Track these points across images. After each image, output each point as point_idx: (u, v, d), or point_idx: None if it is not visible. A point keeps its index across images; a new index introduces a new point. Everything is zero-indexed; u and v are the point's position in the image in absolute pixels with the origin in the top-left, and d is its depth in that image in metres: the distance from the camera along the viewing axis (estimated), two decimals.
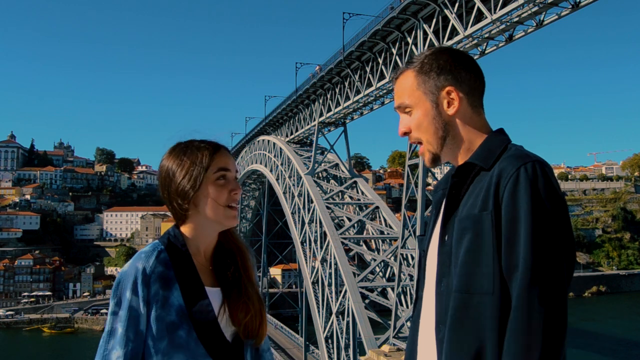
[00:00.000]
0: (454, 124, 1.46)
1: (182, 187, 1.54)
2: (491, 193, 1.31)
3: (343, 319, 31.01)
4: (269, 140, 49.99)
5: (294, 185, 41.05)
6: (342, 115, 37.17)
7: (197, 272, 1.55)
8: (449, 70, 1.46)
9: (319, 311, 33.67)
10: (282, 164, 44.35)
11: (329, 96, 37.10)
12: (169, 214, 1.67)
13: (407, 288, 27.56)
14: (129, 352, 1.43)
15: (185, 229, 1.59)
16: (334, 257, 31.68)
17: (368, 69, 31.07)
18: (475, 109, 1.48)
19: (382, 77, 29.88)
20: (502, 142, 1.43)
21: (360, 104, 34.55)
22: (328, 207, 35.32)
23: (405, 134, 1.52)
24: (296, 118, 44.86)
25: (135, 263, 1.49)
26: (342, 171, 40.80)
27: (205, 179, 1.54)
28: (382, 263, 32.20)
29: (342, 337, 30.80)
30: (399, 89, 1.52)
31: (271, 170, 48.14)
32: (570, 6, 19.53)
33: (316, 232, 35.86)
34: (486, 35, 22.35)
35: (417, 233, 25.60)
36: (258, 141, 54.57)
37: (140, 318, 1.45)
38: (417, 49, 25.64)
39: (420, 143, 1.51)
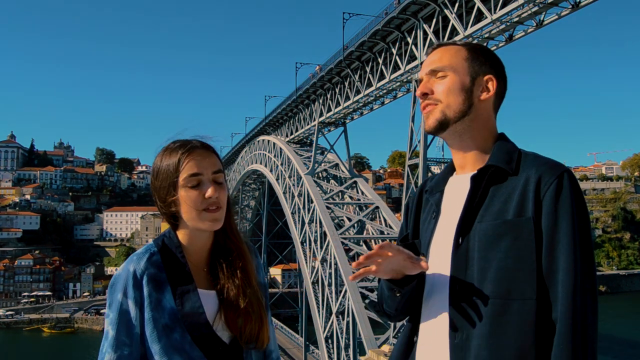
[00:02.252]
0: (478, 111, 1.47)
1: (160, 192, 1.52)
2: (530, 198, 1.32)
3: (343, 319, 30.99)
4: (269, 140, 49.95)
5: (294, 185, 41.02)
6: (342, 115, 37.14)
7: (190, 275, 1.52)
8: (494, 65, 1.50)
9: (319, 311, 33.64)
10: (282, 164, 44.32)
11: (329, 96, 37.08)
12: None
13: None
14: (124, 356, 1.42)
15: (178, 231, 1.57)
16: (334, 257, 31.65)
17: (368, 69, 31.05)
18: (494, 111, 1.52)
19: (382, 77, 29.86)
20: (515, 147, 1.46)
21: (360, 104, 34.53)
22: (328, 207, 35.29)
23: (425, 95, 1.50)
24: (296, 118, 44.83)
25: (127, 266, 1.48)
26: (342, 171, 40.76)
27: (178, 184, 1.49)
28: None
29: (342, 337, 30.78)
30: (443, 53, 1.51)
31: (271, 170, 48.10)
32: (570, 6, 19.50)
33: (316, 232, 35.83)
34: (486, 35, 22.33)
35: None
36: (258, 141, 54.53)
37: (133, 321, 1.44)
38: (417, 49, 25.64)
39: (435, 104, 1.48)
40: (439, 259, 1.45)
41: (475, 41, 22.91)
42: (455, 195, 1.47)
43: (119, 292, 1.45)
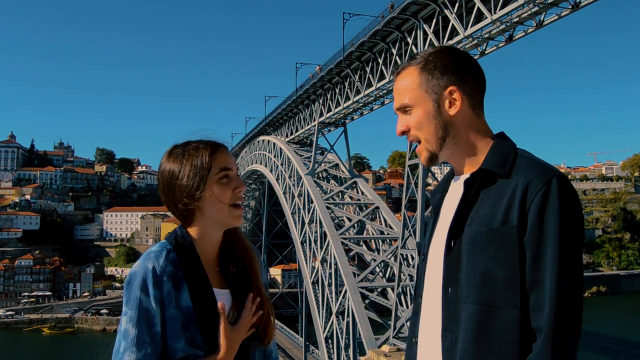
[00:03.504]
0: (455, 125, 1.45)
1: (188, 190, 1.52)
2: (516, 205, 1.30)
3: (343, 319, 31.01)
4: (269, 141, 49.99)
5: (294, 185, 41.05)
6: (342, 115, 37.17)
7: (205, 274, 1.53)
8: (452, 70, 1.44)
9: (319, 311, 33.66)
10: (282, 164, 44.34)
11: (329, 96, 37.10)
12: (169, 214, 1.65)
13: (407, 288, 27.55)
14: (147, 355, 1.41)
15: (191, 230, 1.57)
16: (334, 257, 31.67)
17: (368, 69, 31.06)
18: (475, 111, 1.47)
19: (382, 77, 29.88)
20: (511, 148, 1.43)
21: (360, 104, 34.55)
22: (328, 207, 35.31)
23: (404, 132, 1.49)
24: (296, 118, 44.86)
25: (145, 263, 1.46)
26: (342, 171, 40.79)
27: (209, 179, 1.52)
28: (382, 263, 32.20)
29: (342, 337, 30.79)
30: (401, 88, 1.49)
31: (271, 171, 48.13)
32: (570, 6, 19.51)
33: (316, 232, 35.85)
34: (486, 36, 22.34)
35: (417, 233, 25.61)
36: (258, 141, 54.56)
37: (153, 319, 1.43)
38: (417, 49, 25.61)
39: (419, 142, 1.48)
40: (435, 262, 1.47)
41: (475, 41, 23.03)
42: (453, 198, 1.49)
43: (137, 290, 1.43)
